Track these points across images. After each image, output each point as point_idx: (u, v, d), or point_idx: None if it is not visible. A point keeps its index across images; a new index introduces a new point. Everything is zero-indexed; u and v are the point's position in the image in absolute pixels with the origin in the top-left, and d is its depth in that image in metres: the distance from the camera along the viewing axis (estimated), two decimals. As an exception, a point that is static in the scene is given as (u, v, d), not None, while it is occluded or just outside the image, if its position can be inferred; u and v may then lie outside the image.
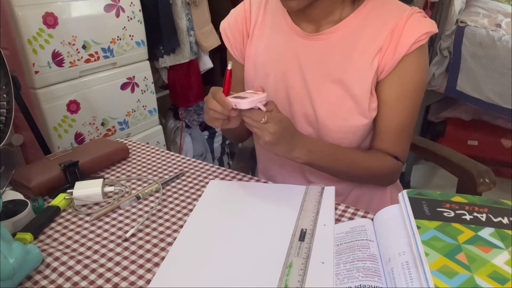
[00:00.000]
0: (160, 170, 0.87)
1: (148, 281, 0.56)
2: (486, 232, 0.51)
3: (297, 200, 0.72)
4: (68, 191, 0.75)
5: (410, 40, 0.72)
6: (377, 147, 0.83)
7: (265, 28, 0.86)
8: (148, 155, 0.94)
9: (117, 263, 0.60)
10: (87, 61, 1.50)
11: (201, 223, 0.68)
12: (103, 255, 0.61)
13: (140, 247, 0.63)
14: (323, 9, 0.77)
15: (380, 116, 0.80)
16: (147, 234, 0.66)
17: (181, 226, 0.68)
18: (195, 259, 0.60)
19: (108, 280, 0.56)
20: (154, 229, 0.67)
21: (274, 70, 0.84)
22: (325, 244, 0.60)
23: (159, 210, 0.72)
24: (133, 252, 0.62)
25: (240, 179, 0.81)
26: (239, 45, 0.89)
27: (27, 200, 0.70)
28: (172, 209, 0.73)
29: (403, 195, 0.59)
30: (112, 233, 0.67)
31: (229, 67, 0.70)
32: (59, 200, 0.74)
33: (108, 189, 0.77)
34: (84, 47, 1.47)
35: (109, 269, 0.58)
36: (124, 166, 0.89)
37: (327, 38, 0.79)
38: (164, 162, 0.90)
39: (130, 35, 1.62)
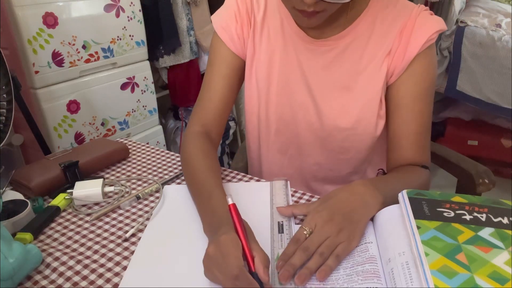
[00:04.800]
0: (160, 170, 0.87)
1: (148, 281, 0.56)
2: (486, 232, 0.51)
3: (265, 195, 0.72)
4: (68, 191, 0.75)
5: (422, 40, 0.70)
6: (401, 160, 0.75)
7: (265, 29, 0.81)
8: (148, 155, 0.94)
9: (117, 263, 0.60)
10: (87, 61, 1.50)
11: (167, 228, 0.66)
12: (103, 255, 0.61)
13: (140, 247, 0.63)
14: (330, 16, 0.72)
15: (396, 121, 0.75)
16: (147, 234, 0.66)
17: (181, 226, 0.67)
18: (173, 263, 0.58)
19: (108, 280, 0.56)
20: (154, 229, 0.67)
21: (276, 76, 0.80)
22: None
23: (159, 210, 0.72)
24: (133, 252, 0.62)
25: (240, 179, 0.81)
26: (239, 32, 0.82)
27: (27, 200, 0.70)
28: (172, 209, 0.73)
29: (403, 195, 0.59)
30: (112, 233, 0.67)
31: (229, 202, 0.57)
32: (59, 200, 0.74)
33: (108, 189, 0.77)
34: (84, 47, 1.47)
35: (109, 269, 0.58)
36: (124, 166, 0.89)
37: (334, 44, 0.76)
38: (164, 162, 0.90)
39: (130, 35, 1.62)
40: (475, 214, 0.54)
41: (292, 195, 0.73)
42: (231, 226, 0.55)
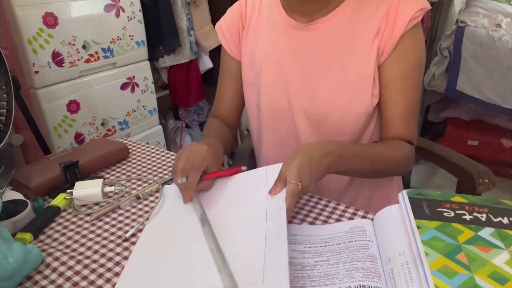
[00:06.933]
0: (160, 170, 0.87)
1: (148, 281, 0.56)
2: (486, 232, 0.51)
3: (261, 187, 0.68)
4: (68, 191, 0.75)
5: (406, 18, 0.74)
6: (389, 135, 0.80)
7: (261, 23, 0.86)
8: (148, 155, 0.94)
9: (117, 263, 0.60)
10: (87, 61, 1.50)
11: (166, 228, 0.66)
12: (103, 255, 0.61)
13: (140, 247, 0.63)
14: (320, 1, 0.78)
15: (386, 99, 0.79)
16: (147, 234, 0.66)
17: (181, 226, 0.67)
18: (171, 263, 0.58)
19: (108, 280, 0.56)
20: (154, 229, 0.67)
21: (272, 67, 0.84)
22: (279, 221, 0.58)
23: (159, 210, 0.72)
24: (133, 252, 0.62)
25: (240, 179, 0.81)
26: (235, 40, 0.90)
27: (27, 200, 0.70)
28: (172, 209, 0.73)
29: (403, 195, 0.59)
30: (112, 233, 0.67)
31: (243, 168, 0.75)
32: (59, 200, 0.74)
33: (108, 189, 0.77)
34: (84, 47, 1.47)
35: (109, 269, 0.58)
36: (124, 166, 0.89)
37: (322, 27, 0.79)
38: (164, 162, 0.90)
39: (130, 35, 1.62)
40: (475, 214, 0.54)
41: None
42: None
